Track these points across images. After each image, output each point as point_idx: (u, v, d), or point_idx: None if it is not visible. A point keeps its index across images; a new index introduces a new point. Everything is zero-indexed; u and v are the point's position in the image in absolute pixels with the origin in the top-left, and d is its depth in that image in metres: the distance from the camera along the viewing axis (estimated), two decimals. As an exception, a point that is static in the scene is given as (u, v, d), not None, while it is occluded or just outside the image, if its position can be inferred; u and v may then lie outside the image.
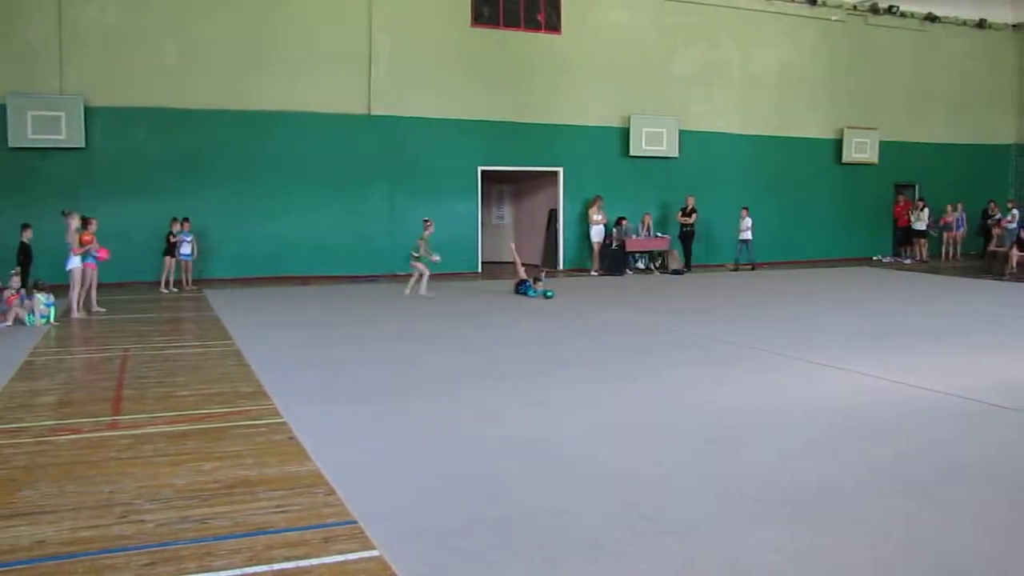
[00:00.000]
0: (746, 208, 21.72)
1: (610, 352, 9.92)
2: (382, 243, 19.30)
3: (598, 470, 5.56)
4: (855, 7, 24.70)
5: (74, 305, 13.08)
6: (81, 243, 13.11)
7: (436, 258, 15.04)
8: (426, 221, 15.49)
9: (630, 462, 5.72)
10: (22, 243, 14.37)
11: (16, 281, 12.72)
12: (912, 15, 25.47)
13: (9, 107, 17.01)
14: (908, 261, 24.15)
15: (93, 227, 13.52)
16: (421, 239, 15.28)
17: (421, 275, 15.14)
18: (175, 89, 18.18)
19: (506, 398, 7.58)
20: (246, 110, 18.72)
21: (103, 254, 13.61)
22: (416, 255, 15.39)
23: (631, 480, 5.34)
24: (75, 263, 13.09)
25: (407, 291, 15.31)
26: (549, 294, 15.19)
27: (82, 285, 13.20)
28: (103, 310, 13.55)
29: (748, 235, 21.72)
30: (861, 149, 24.85)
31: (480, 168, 20.79)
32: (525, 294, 15.48)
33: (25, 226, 14.53)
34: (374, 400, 7.53)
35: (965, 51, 26.45)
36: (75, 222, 13.20)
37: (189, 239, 17.34)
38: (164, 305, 14.75)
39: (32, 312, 12.40)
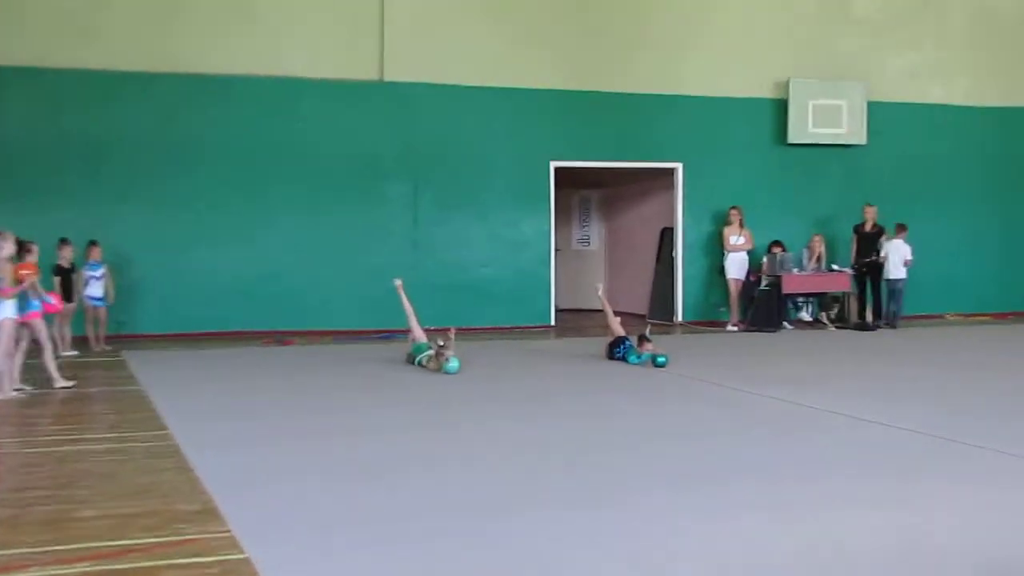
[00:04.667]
0: (903, 226, 16.72)
1: (768, 459, 7.35)
2: (400, 277, 14.73)
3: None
4: None
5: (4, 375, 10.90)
6: (17, 280, 10.82)
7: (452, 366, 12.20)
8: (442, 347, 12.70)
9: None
10: None
11: None
12: None
13: None
14: None
15: (32, 256, 11.38)
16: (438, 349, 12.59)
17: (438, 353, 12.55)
18: (80, 40, 14.84)
19: (587, 534, 5.58)
20: (190, 74, 15.16)
21: (55, 303, 11.68)
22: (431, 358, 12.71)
23: None
24: (5, 311, 10.64)
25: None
26: (661, 360, 12.57)
27: (17, 343, 10.93)
28: (71, 384, 11.08)
29: (902, 273, 16.64)
30: None
31: (553, 164, 16.88)
32: (624, 359, 12.96)
33: None
34: (381, 532, 5.74)
35: None
36: (9, 247, 10.72)
37: (99, 273, 14.11)
38: (62, 374, 11.78)
39: None
